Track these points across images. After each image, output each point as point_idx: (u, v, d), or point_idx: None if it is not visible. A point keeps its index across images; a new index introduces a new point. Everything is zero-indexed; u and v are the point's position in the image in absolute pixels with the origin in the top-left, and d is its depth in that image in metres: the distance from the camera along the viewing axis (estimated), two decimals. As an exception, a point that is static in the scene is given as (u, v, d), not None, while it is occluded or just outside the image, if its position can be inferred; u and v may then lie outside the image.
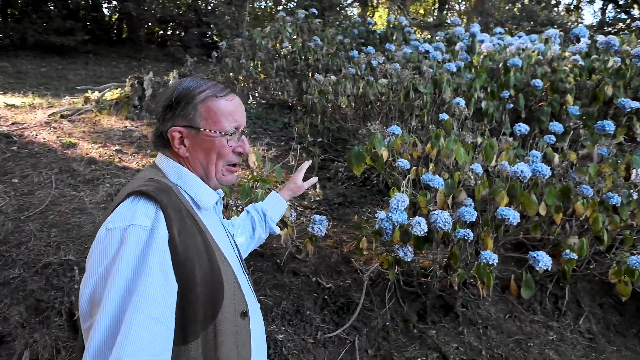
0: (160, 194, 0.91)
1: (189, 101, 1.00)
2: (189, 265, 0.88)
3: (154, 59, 10.55)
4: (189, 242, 0.90)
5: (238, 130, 1.05)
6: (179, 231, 0.89)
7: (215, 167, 1.04)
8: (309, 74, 4.96)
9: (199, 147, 1.02)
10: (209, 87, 1.03)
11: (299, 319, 2.56)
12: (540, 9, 8.77)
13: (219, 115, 1.01)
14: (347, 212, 3.43)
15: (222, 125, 1.01)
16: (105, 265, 0.82)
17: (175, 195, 0.96)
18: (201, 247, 0.93)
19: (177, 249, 0.87)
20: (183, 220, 0.92)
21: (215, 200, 1.08)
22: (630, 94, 3.52)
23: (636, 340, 2.96)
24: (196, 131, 1.01)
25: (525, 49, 4.10)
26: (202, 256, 0.92)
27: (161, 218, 0.88)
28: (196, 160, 1.04)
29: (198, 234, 0.95)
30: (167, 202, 0.90)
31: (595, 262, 2.80)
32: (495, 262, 2.11)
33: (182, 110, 1.00)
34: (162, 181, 0.98)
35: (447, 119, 2.90)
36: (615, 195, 2.38)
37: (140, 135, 4.50)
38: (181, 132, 1.01)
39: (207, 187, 1.06)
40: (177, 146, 1.02)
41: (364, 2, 11.16)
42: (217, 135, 1.01)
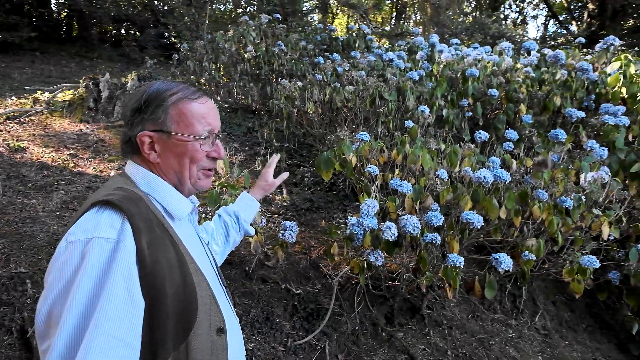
0: (127, 203, 0.85)
1: (159, 104, 0.96)
2: (158, 279, 0.83)
3: (107, 59, 10.12)
4: (159, 255, 0.85)
5: (212, 134, 1.01)
6: (149, 243, 0.84)
7: (189, 172, 1.00)
8: (273, 78, 4.95)
9: (170, 153, 0.97)
10: (180, 89, 0.99)
11: (268, 326, 2.54)
12: (491, 22, 9.23)
13: (191, 118, 0.97)
14: (315, 217, 3.44)
15: (194, 128, 0.97)
16: (64, 281, 0.77)
17: (146, 205, 0.91)
18: (173, 259, 0.88)
19: (146, 263, 0.82)
20: (153, 232, 0.87)
21: (189, 210, 1.03)
22: (576, 105, 3.78)
23: (586, 334, 3.17)
24: (167, 135, 0.96)
25: (481, 60, 4.30)
26: (174, 269, 0.87)
27: (128, 229, 0.82)
28: (168, 166, 0.99)
29: (170, 245, 0.89)
30: (135, 212, 0.85)
31: (549, 262, 2.96)
32: (462, 264, 2.19)
33: (152, 114, 0.96)
34: (131, 190, 0.93)
35: (412, 126, 2.99)
36: (568, 199, 2.54)
37: (96, 139, 4.30)
38: (151, 136, 0.96)
39: (180, 195, 1.01)
40: (147, 152, 0.97)
41: (325, 9, 11.29)
42: (189, 140, 0.97)
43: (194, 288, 0.89)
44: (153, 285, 0.82)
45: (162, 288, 0.83)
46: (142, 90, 0.99)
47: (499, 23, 10.05)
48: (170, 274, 0.85)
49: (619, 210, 2.81)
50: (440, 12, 9.38)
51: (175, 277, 0.86)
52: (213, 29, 7.60)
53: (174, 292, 0.85)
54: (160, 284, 0.83)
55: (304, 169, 4.07)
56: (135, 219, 0.84)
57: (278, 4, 6.65)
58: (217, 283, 1.05)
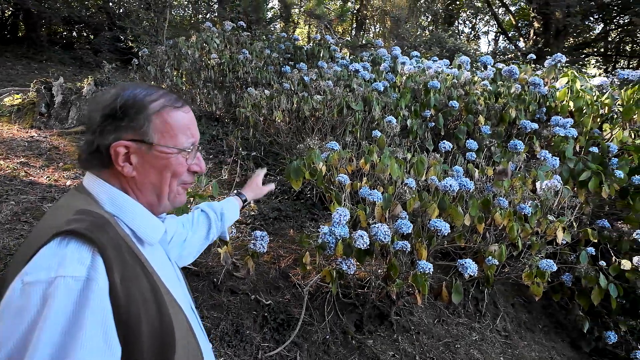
0: (96, 232, 0.73)
1: (139, 110, 0.84)
2: (133, 318, 0.72)
3: (58, 61, 9.64)
4: (133, 289, 0.74)
5: (194, 147, 0.92)
6: (122, 277, 0.72)
7: (169, 188, 0.90)
8: (237, 86, 4.91)
9: (150, 166, 0.86)
10: (162, 95, 0.88)
11: (238, 339, 2.49)
12: (448, 36, 9.63)
13: (176, 129, 0.87)
14: (283, 226, 3.43)
15: (179, 140, 0.88)
16: (21, 332, 0.62)
17: (115, 230, 0.78)
18: (148, 293, 0.77)
19: (120, 301, 0.70)
20: (126, 263, 0.75)
21: (162, 233, 0.92)
22: (529, 117, 4.00)
23: (542, 334, 3.34)
24: (148, 147, 0.85)
25: (442, 72, 4.48)
26: (149, 304, 0.76)
27: (99, 264, 0.70)
28: (146, 181, 0.87)
29: (143, 276, 0.78)
30: (106, 242, 0.73)
31: (509, 266, 3.10)
32: (431, 270, 2.26)
33: (131, 122, 0.84)
34: (96, 212, 0.79)
35: (380, 135, 3.06)
36: (527, 206, 2.69)
37: (49, 147, 4.08)
38: (128, 147, 0.84)
39: (152, 217, 0.89)
40: (121, 164, 0.84)
41: (286, 19, 11.34)
42: (173, 152, 0.87)
43: (170, 322, 0.79)
44: (127, 326, 0.71)
45: (137, 328, 0.72)
46: (112, 94, 0.86)
47: (455, 37, 10.50)
48: (146, 310, 0.75)
49: (570, 216, 2.99)
50: (400, 25, 9.68)
51: (151, 312, 0.76)
52: (173, 35, 7.44)
53: (150, 330, 0.74)
54: (135, 323, 0.72)
55: (270, 177, 4.05)
56: (107, 251, 0.72)
57: (241, 12, 6.62)
58: (190, 309, 0.96)
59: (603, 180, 3.11)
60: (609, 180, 3.12)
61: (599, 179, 3.12)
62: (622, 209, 3.34)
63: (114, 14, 10.48)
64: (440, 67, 4.56)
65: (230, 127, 4.77)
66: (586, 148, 3.53)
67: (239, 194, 1.62)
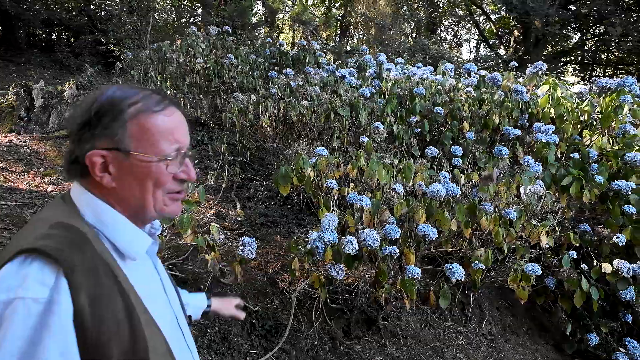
0: (67, 251, 0.69)
1: (115, 117, 0.78)
2: (102, 343, 0.69)
3: (37, 64, 9.45)
4: (105, 313, 0.70)
5: (180, 153, 0.84)
6: (92, 300, 0.69)
7: (153, 198, 0.82)
8: (223, 91, 4.88)
9: (129, 175, 0.80)
10: (141, 98, 0.81)
11: (226, 346, 2.47)
12: (431, 43, 9.78)
13: (155, 134, 0.80)
14: (270, 232, 3.41)
15: (159, 147, 0.80)
16: None
17: (92, 248, 0.74)
18: (122, 315, 0.73)
19: (87, 325, 0.67)
20: (99, 284, 0.71)
21: (146, 247, 0.87)
22: (512, 123, 4.08)
23: (526, 337, 3.39)
24: (125, 155, 0.79)
25: (426, 79, 4.54)
26: (122, 327, 0.72)
27: (63, 286, 0.66)
28: (126, 192, 0.81)
29: (119, 297, 0.74)
30: (77, 263, 0.69)
31: (494, 270, 3.14)
32: (419, 275, 2.28)
33: (106, 129, 0.78)
34: (75, 227, 0.75)
35: (367, 141, 3.08)
36: (512, 211, 2.73)
37: (30, 152, 3.99)
38: (104, 156, 0.78)
39: (136, 230, 0.84)
40: (99, 174, 0.79)
41: (271, 24, 11.35)
42: (153, 160, 0.80)
43: (145, 346, 0.75)
44: (95, 351, 0.68)
45: (107, 349, 0.70)
46: (92, 98, 0.81)
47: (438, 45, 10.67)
48: (118, 333, 0.72)
49: (553, 220, 3.05)
50: (384, 31, 9.79)
51: (124, 336, 0.73)
52: (156, 39, 7.37)
53: (120, 351, 0.71)
54: (104, 348, 0.69)
55: (256, 182, 4.04)
56: (75, 274, 0.68)
57: (227, 16, 6.61)
58: (176, 328, 0.92)
59: (584, 186, 3.19)
60: (589, 185, 3.20)
61: (580, 184, 3.20)
62: (602, 214, 3.42)
63: (96, 16, 10.33)
64: (425, 73, 4.62)
65: (215, 132, 4.74)
66: (567, 154, 3.61)
67: (208, 298, 1.41)
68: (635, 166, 3.19)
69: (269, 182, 3.99)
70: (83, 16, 10.75)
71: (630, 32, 10.31)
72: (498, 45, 15.89)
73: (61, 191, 3.40)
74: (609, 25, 10.52)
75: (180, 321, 0.95)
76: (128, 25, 7.46)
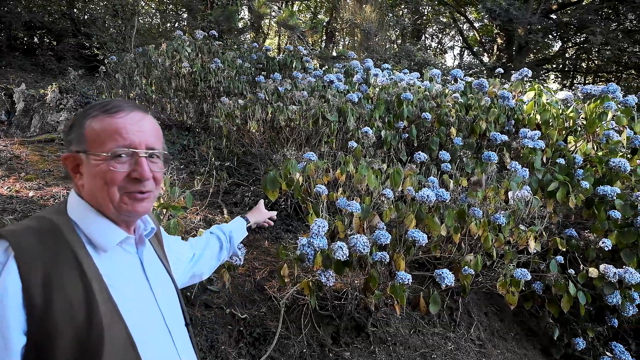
0: (22, 236, 0.80)
1: (79, 123, 0.91)
2: (50, 321, 0.77)
3: (18, 67, 9.24)
4: (57, 295, 0.78)
5: (133, 152, 0.90)
6: (44, 282, 0.78)
7: (108, 196, 0.89)
8: (209, 96, 4.83)
9: (89, 173, 0.90)
10: (102, 105, 0.92)
11: (213, 355, 2.41)
12: (417, 50, 9.87)
13: (101, 135, 0.89)
14: (258, 237, 3.36)
15: (105, 146, 0.88)
16: None
17: (60, 237, 0.84)
18: (78, 299, 0.81)
19: (35, 303, 0.76)
20: (55, 269, 0.80)
21: (118, 240, 0.93)
22: (499, 129, 4.11)
23: (514, 342, 3.39)
24: (85, 156, 0.89)
25: (414, 85, 4.55)
26: (77, 311, 0.80)
27: (11, 264, 0.77)
28: (89, 189, 0.91)
29: (79, 283, 0.82)
30: (28, 247, 0.79)
31: (483, 276, 3.15)
32: (410, 281, 2.25)
33: (73, 134, 0.91)
34: (49, 219, 0.87)
35: (356, 146, 3.06)
36: (501, 216, 2.74)
37: (10, 156, 3.87)
38: (74, 158, 0.91)
39: (108, 224, 0.92)
40: (74, 174, 0.93)
41: (257, 29, 11.32)
42: (101, 159, 0.88)
43: (100, 332, 0.81)
44: (43, 327, 0.77)
45: (55, 332, 0.77)
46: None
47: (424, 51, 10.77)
48: (72, 315, 0.79)
49: (540, 225, 3.07)
50: (370, 38, 9.85)
51: (78, 318, 0.80)
52: (141, 42, 7.27)
53: (74, 336, 0.79)
54: (53, 327, 0.77)
55: (243, 187, 3.98)
56: (25, 255, 0.78)
57: (213, 21, 6.56)
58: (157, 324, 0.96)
59: (570, 191, 3.22)
60: (575, 190, 3.24)
61: (566, 189, 3.23)
62: (588, 219, 3.46)
63: (79, 20, 10.17)
64: (412, 79, 4.64)
65: (202, 137, 4.68)
66: (553, 159, 3.65)
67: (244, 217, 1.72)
68: (620, 172, 3.24)
69: (256, 188, 3.94)
70: (66, 19, 10.56)
71: (610, 41, 10.57)
72: (482, 52, 16.13)
73: (43, 197, 3.30)
74: (589, 34, 10.77)
75: (168, 320, 0.99)
76: (112, 29, 7.35)
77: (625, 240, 3.12)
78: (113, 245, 0.92)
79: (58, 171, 3.75)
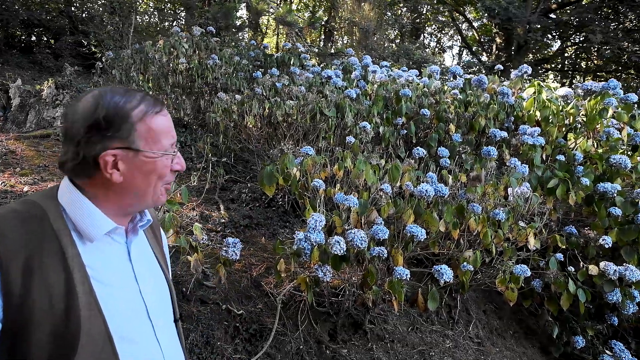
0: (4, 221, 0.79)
1: (123, 119, 0.87)
2: (26, 311, 0.77)
3: (15, 65, 9.17)
4: (37, 283, 0.78)
5: (174, 147, 0.96)
6: (24, 270, 0.77)
7: (154, 190, 0.93)
8: (206, 92, 4.79)
9: (137, 171, 0.90)
10: (141, 101, 0.90)
11: (209, 351, 2.37)
12: (415, 48, 9.84)
13: (159, 134, 0.91)
14: (255, 234, 3.33)
15: (162, 144, 0.91)
16: None
17: (44, 224, 0.83)
18: (59, 289, 0.80)
19: (13, 291, 0.76)
20: (36, 257, 0.79)
21: (105, 230, 0.91)
22: (498, 125, 4.09)
23: (513, 340, 3.36)
24: (134, 153, 0.89)
25: (412, 81, 4.52)
26: (57, 301, 0.79)
27: None
28: (131, 186, 0.90)
29: (62, 272, 0.81)
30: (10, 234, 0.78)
31: (481, 273, 3.12)
32: (408, 277, 2.22)
33: (117, 131, 0.87)
34: (37, 203, 0.85)
35: (354, 141, 3.03)
36: (500, 212, 2.71)
37: (6, 151, 3.84)
38: (115, 155, 0.87)
39: (98, 215, 0.90)
40: (109, 171, 0.88)
41: (255, 28, 11.29)
42: (158, 156, 0.91)
43: (77, 323, 0.80)
44: (20, 312, 0.76)
45: (32, 320, 0.77)
46: (92, 103, 0.88)
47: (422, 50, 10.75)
48: (50, 305, 0.79)
49: (539, 222, 3.04)
50: (368, 36, 9.82)
51: (56, 308, 0.79)
52: (139, 40, 7.23)
53: (52, 328, 0.78)
54: (30, 315, 0.77)
55: (241, 184, 3.95)
56: (6, 242, 0.77)
57: (210, 18, 6.51)
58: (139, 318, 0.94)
59: (570, 188, 3.19)
60: (575, 187, 3.21)
61: (566, 186, 3.20)
62: (588, 216, 3.43)
63: (76, 17, 10.12)
64: (410, 76, 4.61)
65: (199, 134, 4.64)
66: (553, 156, 3.62)
67: None
68: (621, 169, 3.21)
69: (253, 184, 3.91)
70: (64, 17, 10.49)
71: (609, 40, 10.54)
72: (480, 52, 16.11)
73: (38, 191, 3.26)
74: (589, 33, 10.75)
75: (152, 314, 0.97)
76: (110, 27, 7.31)
77: (626, 238, 3.09)
78: (100, 236, 0.90)
79: (53, 166, 3.71)
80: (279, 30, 12.35)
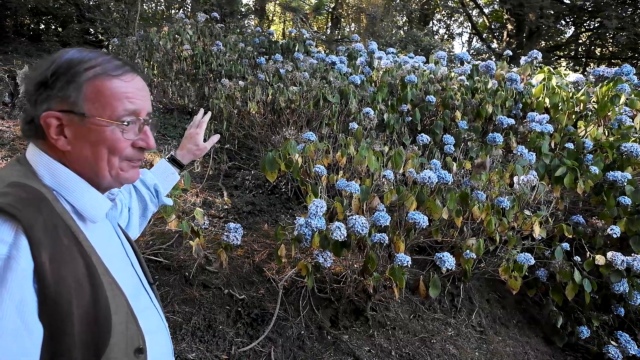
0: (25, 209, 0.69)
1: (71, 78, 0.77)
2: (63, 301, 0.70)
3: (24, 53, 9.21)
4: (65, 272, 0.71)
5: (139, 120, 0.83)
6: (52, 258, 0.69)
7: (108, 164, 0.82)
8: (211, 79, 4.77)
9: (84, 140, 0.79)
10: (100, 62, 0.79)
11: (211, 334, 2.39)
12: (423, 35, 9.69)
13: (110, 98, 0.79)
14: (257, 220, 3.33)
15: (115, 111, 0.79)
16: None
17: (50, 207, 0.74)
18: (82, 275, 0.74)
19: (47, 282, 0.68)
20: (58, 243, 0.72)
21: (106, 210, 0.86)
22: (505, 112, 4.02)
23: (516, 329, 3.34)
24: (80, 118, 0.77)
25: (418, 67, 4.45)
26: (82, 287, 0.73)
27: (23, 243, 0.67)
28: (81, 157, 0.80)
29: (79, 257, 0.75)
30: (35, 221, 0.69)
31: (485, 261, 3.08)
32: (409, 263, 2.20)
33: (61, 90, 0.77)
34: (31, 186, 0.75)
35: (357, 128, 3.00)
36: (505, 200, 2.67)
37: (13, 137, 3.86)
38: (60, 118, 0.77)
39: (95, 193, 0.83)
40: (54, 137, 0.78)
41: (261, 14, 11.19)
42: (107, 125, 0.79)
43: (107, 306, 0.76)
44: (56, 309, 0.69)
45: (67, 311, 0.70)
46: (51, 59, 0.80)
47: (430, 37, 10.59)
48: (78, 293, 0.72)
49: (545, 211, 3.00)
50: (375, 23, 9.68)
51: (85, 296, 0.73)
52: (144, 27, 7.20)
53: (82, 312, 0.72)
54: (65, 307, 0.70)
55: (244, 171, 3.94)
56: (34, 230, 0.68)
57: (215, 4, 6.45)
58: (140, 290, 0.92)
59: (578, 176, 3.13)
60: (584, 176, 3.15)
61: (574, 174, 3.14)
62: (596, 205, 3.37)
63: (83, 5, 10.11)
64: (416, 62, 4.54)
65: (204, 120, 4.62)
66: (561, 144, 3.55)
67: (174, 160, 1.41)
68: (632, 157, 3.13)
69: (256, 171, 3.89)
70: (71, 5, 10.50)
71: (625, 26, 10.27)
72: (491, 39, 15.83)
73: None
74: (605, 18, 10.47)
75: (144, 283, 0.96)
76: (116, 14, 7.28)
77: (635, 228, 3.03)
78: (102, 216, 0.85)
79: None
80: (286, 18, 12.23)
